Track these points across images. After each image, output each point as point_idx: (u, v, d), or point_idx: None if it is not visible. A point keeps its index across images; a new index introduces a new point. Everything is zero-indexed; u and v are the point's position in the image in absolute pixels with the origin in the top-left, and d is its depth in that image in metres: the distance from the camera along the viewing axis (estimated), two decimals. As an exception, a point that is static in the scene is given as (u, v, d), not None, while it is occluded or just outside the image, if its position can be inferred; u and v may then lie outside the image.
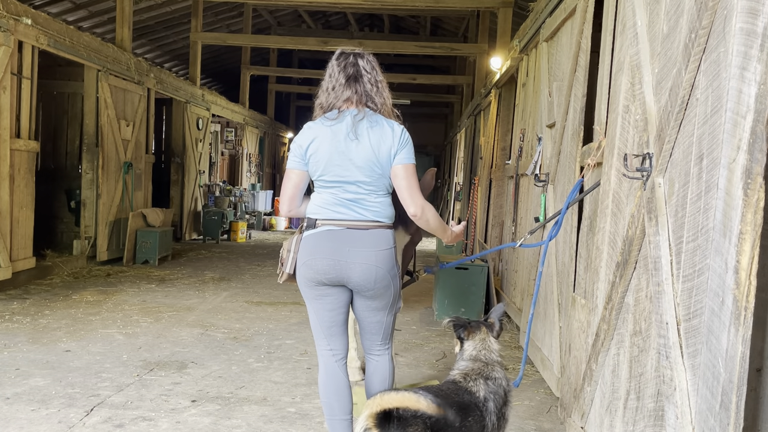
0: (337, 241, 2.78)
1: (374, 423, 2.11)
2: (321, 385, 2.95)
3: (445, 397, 2.32)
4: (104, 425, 3.48)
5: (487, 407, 2.44)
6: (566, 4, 4.61)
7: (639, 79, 2.81)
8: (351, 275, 2.79)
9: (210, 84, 20.58)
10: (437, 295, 6.58)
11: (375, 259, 2.77)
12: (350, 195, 2.80)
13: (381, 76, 2.92)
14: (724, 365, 1.87)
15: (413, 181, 2.81)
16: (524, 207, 6.16)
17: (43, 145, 9.06)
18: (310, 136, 2.83)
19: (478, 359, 2.59)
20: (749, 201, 1.80)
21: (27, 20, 7.00)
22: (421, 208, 2.81)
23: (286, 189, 2.91)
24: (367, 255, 2.77)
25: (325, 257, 2.78)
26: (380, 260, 2.78)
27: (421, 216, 2.82)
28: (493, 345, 2.66)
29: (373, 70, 2.88)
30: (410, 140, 2.85)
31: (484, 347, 2.63)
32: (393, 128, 2.81)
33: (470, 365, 2.57)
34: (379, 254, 2.78)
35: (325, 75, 2.93)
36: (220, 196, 14.13)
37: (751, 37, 1.86)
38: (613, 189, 3.13)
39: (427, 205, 2.85)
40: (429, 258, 10.89)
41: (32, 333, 5.28)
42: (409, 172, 2.80)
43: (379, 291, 2.83)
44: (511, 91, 8.20)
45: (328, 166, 2.79)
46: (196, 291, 7.54)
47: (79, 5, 12.23)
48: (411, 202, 2.80)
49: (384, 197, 2.86)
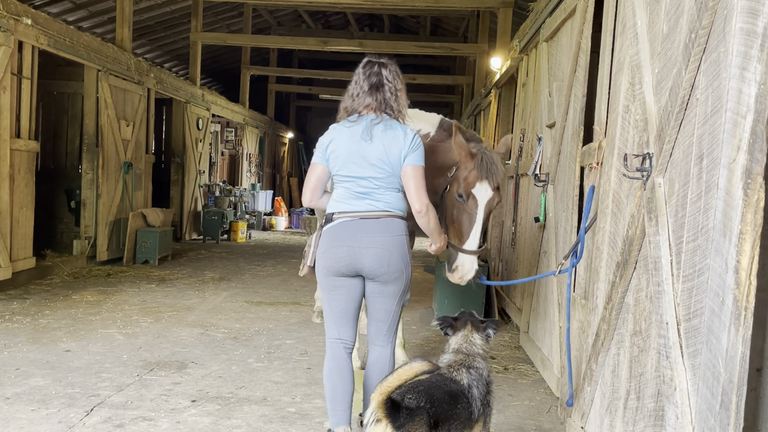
0: (351, 230, 3.03)
1: (384, 414, 2.19)
2: (326, 371, 3.15)
3: (435, 386, 2.42)
4: (104, 425, 3.48)
5: (472, 394, 2.56)
6: (566, 4, 4.61)
7: (639, 79, 2.81)
8: (364, 260, 3.02)
9: (210, 84, 20.58)
10: (437, 295, 6.58)
11: (387, 244, 3.02)
12: (363, 189, 3.06)
13: (401, 85, 3.17)
14: (724, 365, 1.87)
15: (421, 181, 3.06)
16: (524, 207, 6.16)
17: (43, 145, 9.07)
18: (331, 136, 3.13)
19: (461, 351, 2.74)
20: (749, 201, 1.80)
21: (27, 20, 7.00)
22: (426, 206, 3.05)
23: (309, 180, 3.19)
24: (380, 240, 3.01)
25: (342, 245, 3.03)
26: (392, 245, 3.02)
27: (425, 213, 3.07)
28: (476, 340, 2.79)
29: (395, 80, 3.13)
30: (421, 145, 3.10)
31: (466, 341, 2.78)
32: (405, 133, 3.07)
33: (453, 357, 2.72)
34: (391, 240, 3.03)
35: (351, 80, 3.20)
36: (220, 196, 14.13)
37: (751, 37, 1.86)
38: (613, 189, 3.13)
39: (431, 206, 3.10)
40: (429, 258, 10.89)
41: (32, 333, 5.29)
42: (418, 173, 3.04)
43: (392, 276, 3.05)
44: (511, 91, 8.20)
45: (345, 163, 3.05)
46: (196, 291, 7.54)
47: (79, 5, 12.23)
48: (417, 200, 3.04)
49: (395, 192, 3.10)
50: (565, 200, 4.33)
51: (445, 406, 2.37)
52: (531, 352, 5.19)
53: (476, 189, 3.63)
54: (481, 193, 3.64)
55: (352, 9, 15.59)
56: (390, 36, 19.33)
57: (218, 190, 14.65)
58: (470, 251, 3.63)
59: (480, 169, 3.62)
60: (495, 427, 3.72)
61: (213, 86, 20.71)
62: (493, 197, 3.66)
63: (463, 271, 3.63)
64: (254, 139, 18.67)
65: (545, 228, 4.96)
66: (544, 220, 4.92)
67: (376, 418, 2.22)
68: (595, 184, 3.50)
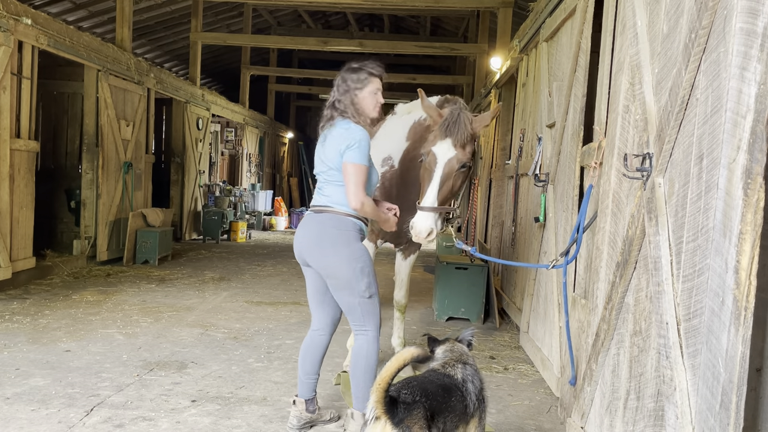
0: (302, 222, 3.43)
1: (383, 411, 2.23)
2: (302, 345, 3.58)
3: (428, 381, 2.48)
4: (104, 425, 3.48)
5: (466, 388, 2.60)
6: (566, 4, 4.61)
7: (639, 79, 2.81)
8: (302, 249, 3.37)
9: (210, 84, 20.58)
10: (437, 295, 6.58)
11: (318, 237, 3.28)
12: (319, 185, 3.43)
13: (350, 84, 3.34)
14: (724, 365, 1.87)
15: (357, 178, 3.20)
16: (524, 207, 6.16)
17: (43, 145, 9.07)
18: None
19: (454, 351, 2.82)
20: (749, 201, 1.80)
21: (27, 20, 7.00)
22: (360, 204, 3.23)
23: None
24: (311, 231, 3.32)
25: (296, 235, 3.43)
26: (323, 238, 3.26)
27: (362, 210, 3.27)
28: (462, 348, 2.85)
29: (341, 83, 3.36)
30: (363, 143, 3.23)
31: (451, 349, 2.84)
32: (346, 129, 3.26)
33: (445, 356, 2.79)
34: (322, 231, 3.27)
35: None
36: (220, 196, 14.13)
37: (751, 37, 1.86)
38: (613, 189, 3.13)
39: (368, 200, 3.27)
40: (429, 258, 10.89)
41: (32, 333, 5.29)
42: (355, 170, 3.20)
43: (329, 270, 3.26)
44: (511, 91, 8.20)
45: (315, 164, 3.48)
46: (196, 291, 7.54)
47: (79, 5, 12.22)
48: (352, 197, 3.22)
49: (337, 186, 3.32)
50: (565, 200, 4.33)
51: (440, 399, 2.42)
52: (531, 352, 5.19)
53: (436, 147, 3.66)
54: (441, 150, 3.64)
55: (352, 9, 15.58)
56: (390, 36, 19.32)
57: (218, 190, 14.65)
58: (426, 207, 3.61)
59: (441, 126, 3.64)
60: (495, 427, 3.72)
61: (213, 86, 20.70)
62: (454, 156, 3.63)
63: (418, 228, 3.58)
64: (254, 139, 18.67)
65: (545, 228, 4.96)
66: (544, 220, 4.92)
67: (375, 415, 2.25)
68: (595, 184, 3.50)
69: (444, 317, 6.49)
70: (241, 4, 15.10)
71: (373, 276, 3.30)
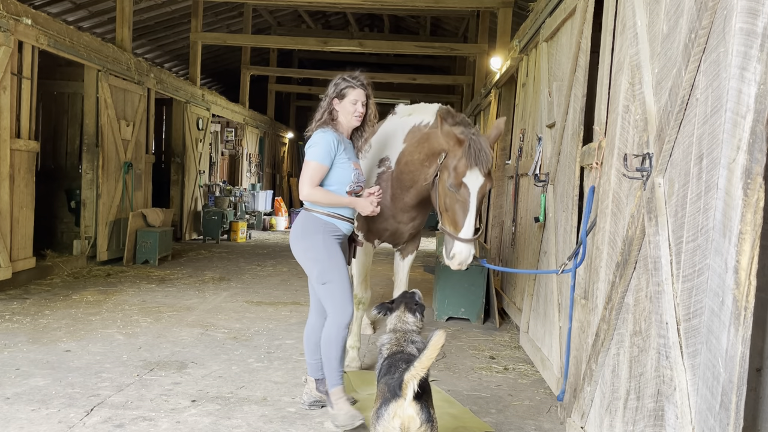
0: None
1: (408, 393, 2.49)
2: (304, 330, 3.97)
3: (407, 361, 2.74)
4: (104, 425, 3.48)
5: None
6: (566, 4, 4.61)
7: (639, 79, 2.81)
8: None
9: (210, 84, 20.58)
10: (437, 295, 6.58)
11: (292, 232, 3.72)
12: None
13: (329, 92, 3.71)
14: (724, 365, 1.87)
15: (306, 172, 3.55)
16: (524, 207, 6.16)
17: (43, 145, 9.07)
18: None
19: (397, 330, 3.09)
20: (749, 201, 1.80)
21: (27, 20, 7.00)
22: (306, 195, 3.57)
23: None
24: (292, 229, 3.76)
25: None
26: (294, 234, 3.70)
27: (309, 199, 3.58)
28: (408, 318, 3.14)
29: (324, 98, 3.75)
30: (320, 142, 3.54)
31: (399, 321, 3.13)
32: (313, 135, 3.64)
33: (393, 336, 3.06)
34: (294, 228, 3.72)
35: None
36: (220, 196, 14.13)
37: (751, 37, 1.86)
38: (613, 189, 3.13)
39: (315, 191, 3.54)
40: (429, 258, 10.89)
41: (32, 333, 5.29)
42: (306, 166, 3.57)
43: (298, 261, 3.72)
44: (511, 91, 8.21)
45: None
46: (196, 291, 7.54)
47: (79, 5, 12.22)
48: (301, 189, 3.58)
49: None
50: (565, 200, 4.33)
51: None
52: (531, 352, 5.19)
53: (467, 178, 3.71)
54: (471, 181, 3.70)
55: (352, 9, 15.58)
56: (390, 36, 19.31)
57: (218, 190, 14.65)
58: (466, 239, 3.72)
59: (469, 157, 3.67)
60: (495, 426, 3.72)
61: (213, 86, 20.71)
62: (484, 183, 3.74)
63: (461, 258, 3.78)
64: (254, 139, 18.66)
65: (545, 228, 4.96)
66: (544, 221, 4.92)
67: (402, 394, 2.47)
68: (595, 185, 3.50)
69: (444, 317, 6.49)
70: (241, 4, 15.10)
71: (328, 264, 3.55)
